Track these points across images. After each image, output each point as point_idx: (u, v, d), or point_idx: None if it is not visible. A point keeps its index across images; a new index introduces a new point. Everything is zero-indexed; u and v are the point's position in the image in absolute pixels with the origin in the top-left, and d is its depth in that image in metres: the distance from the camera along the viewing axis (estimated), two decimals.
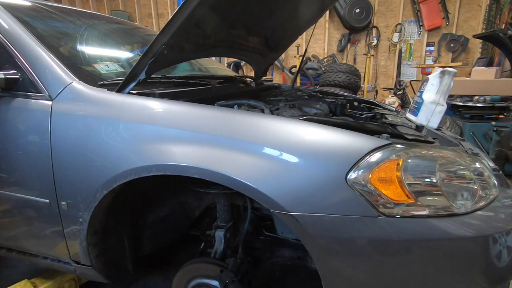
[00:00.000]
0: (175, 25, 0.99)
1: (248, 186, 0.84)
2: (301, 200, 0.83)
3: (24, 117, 1.10)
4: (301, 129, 0.90)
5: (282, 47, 1.98)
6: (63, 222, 1.11)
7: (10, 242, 1.30)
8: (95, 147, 1.00)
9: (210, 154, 0.89)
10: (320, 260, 0.88)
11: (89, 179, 1.01)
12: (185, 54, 1.29)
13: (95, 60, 1.38)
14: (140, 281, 1.65)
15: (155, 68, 1.11)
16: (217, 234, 1.23)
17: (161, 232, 1.44)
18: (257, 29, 1.59)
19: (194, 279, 1.22)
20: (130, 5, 6.01)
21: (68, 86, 1.08)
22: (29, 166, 1.10)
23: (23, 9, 1.37)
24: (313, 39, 5.53)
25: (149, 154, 0.93)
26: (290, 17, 1.63)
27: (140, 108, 1.01)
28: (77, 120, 1.03)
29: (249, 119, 0.95)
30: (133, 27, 2.08)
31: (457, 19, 4.69)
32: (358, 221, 0.80)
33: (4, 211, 1.22)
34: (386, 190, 0.80)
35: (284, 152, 0.85)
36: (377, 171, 0.81)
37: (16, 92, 1.12)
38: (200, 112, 0.98)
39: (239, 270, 1.15)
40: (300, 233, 0.85)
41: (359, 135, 0.88)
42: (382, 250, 0.82)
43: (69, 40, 1.38)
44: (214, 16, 1.18)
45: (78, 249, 1.12)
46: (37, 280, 1.43)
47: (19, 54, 1.12)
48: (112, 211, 1.09)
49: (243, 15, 1.37)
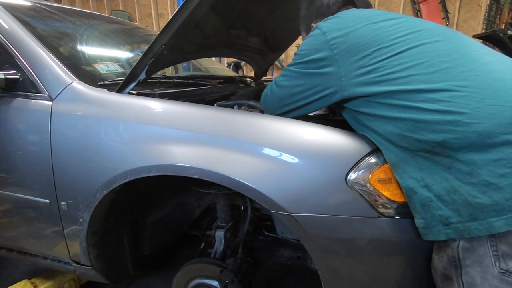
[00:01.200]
0: (175, 26, 0.99)
1: (248, 186, 0.84)
2: (301, 201, 0.83)
3: (24, 117, 1.10)
4: (301, 129, 0.90)
5: (282, 47, 1.98)
6: (63, 222, 1.11)
7: (10, 242, 1.30)
8: (95, 147, 1.00)
9: (210, 155, 0.89)
10: (320, 260, 0.88)
11: (89, 179, 1.01)
12: (185, 54, 1.29)
13: (95, 60, 1.38)
14: (140, 281, 1.65)
15: (155, 68, 1.11)
16: (217, 234, 1.23)
17: (161, 232, 1.44)
18: (257, 29, 1.59)
19: (194, 279, 1.22)
20: (130, 5, 6.01)
21: (68, 86, 1.08)
22: (29, 166, 1.10)
23: (23, 9, 1.37)
24: None
25: (149, 154, 0.94)
26: (290, 17, 1.63)
27: (140, 108, 1.01)
28: (77, 120, 1.03)
29: (249, 120, 0.95)
30: (133, 27, 2.08)
31: (457, 19, 4.69)
32: (358, 222, 0.81)
33: (4, 211, 1.22)
34: (386, 191, 0.80)
35: (284, 152, 0.86)
36: (377, 172, 0.81)
37: (16, 92, 1.12)
38: (200, 112, 0.98)
39: (239, 270, 1.15)
40: (300, 233, 0.85)
41: (359, 135, 0.88)
42: (382, 251, 0.83)
43: (69, 40, 1.38)
44: (214, 16, 1.18)
45: (78, 249, 1.12)
46: (37, 280, 1.43)
47: (19, 54, 1.12)
48: (112, 211, 1.09)
49: (243, 15, 1.37)
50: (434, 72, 0.70)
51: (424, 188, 0.72)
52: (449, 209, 0.68)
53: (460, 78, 0.69)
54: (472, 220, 0.65)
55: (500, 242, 0.64)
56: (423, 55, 0.73)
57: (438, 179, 0.70)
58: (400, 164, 0.76)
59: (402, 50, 0.74)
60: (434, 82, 0.69)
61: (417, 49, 0.74)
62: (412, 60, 0.73)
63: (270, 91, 0.98)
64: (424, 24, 0.81)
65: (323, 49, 0.81)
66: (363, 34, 0.78)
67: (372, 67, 0.76)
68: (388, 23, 0.79)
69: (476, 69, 0.70)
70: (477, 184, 0.64)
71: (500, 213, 0.62)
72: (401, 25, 0.79)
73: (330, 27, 0.83)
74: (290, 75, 0.90)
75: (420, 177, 0.72)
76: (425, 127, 0.69)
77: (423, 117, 0.69)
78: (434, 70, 0.71)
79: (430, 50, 0.74)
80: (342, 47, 0.79)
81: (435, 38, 0.76)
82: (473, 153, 0.65)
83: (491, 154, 0.63)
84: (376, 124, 0.79)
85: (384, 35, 0.77)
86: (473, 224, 0.65)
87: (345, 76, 0.79)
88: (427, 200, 0.71)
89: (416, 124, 0.70)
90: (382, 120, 0.76)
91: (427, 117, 0.68)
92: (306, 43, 0.86)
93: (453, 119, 0.66)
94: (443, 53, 0.73)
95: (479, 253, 0.66)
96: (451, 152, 0.67)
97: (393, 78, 0.73)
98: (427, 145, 0.69)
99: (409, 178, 0.74)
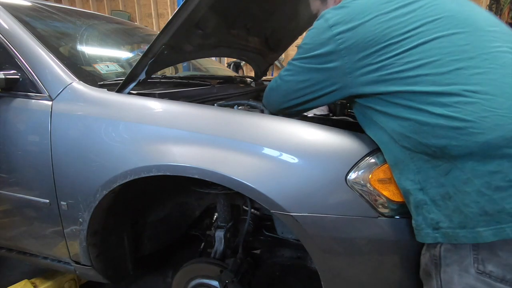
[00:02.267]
0: (175, 25, 0.99)
1: (248, 186, 0.84)
2: (301, 200, 0.83)
3: (24, 117, 1.10)
4: (301, 130, 0.90)
5: (282, 47, 1.98)
6: (63, 222, 1.11)
7: (10, 242, 1.30)
8: (95, 147, 1.00)
9: (210, 155, 0.89)
10: (320, 260, 0.88)
11: (89, 179, 1.01)
12: (185, 54, 1.29)
13: (95, 60, 1.38)
14: (140, 281, 1.65)
15: (155, 68, 1.11)
16: (217, 234, 1.23)
17: (161, 232, 1.44)
18: (257, 29, 1.59)
19: (194, 279, 1.22)
20: (130, 5, 6.00)
21: (68, 86, 1.08)
22: (29, 166, 1.10)
23: (23, 9, 1.37)
24: None
25: (149, 154, 0.94)
26: (290, 17, 1.63)
27: (140, 108, 1.01)
28: (77, 120, 1.03)
29: (249, 119, 0.95)
30: (133, 27, 2.08)
31: None
32: (358, 222, 0.81)
33: (4, 211, 1.22)
34: (385, 190, 0.80)
35: (284, 152, 0.86)
36: (377, 172, 0.81)
37: (16, 92, 1.12)
38: (200, 112, 0.98)
39: (239, 270, 1.15)
40: (300, 233, 0.85)
41: (359, 135, 0.88)
42: (382, 250, 0.83)
43: (69, 40, 1.38)
44: (214, 16, 1.18)
45: (78, 249, 1.12)
46: (37, 280, 1.43)
47: (19, 54, 1.12)
48: (112, 211, 1.09)
49: (243, 15, 1.37)
50: (445, 73, 0.67)
51: (420, 191, 0.71)
52: (442, 214, 0.68)
53: (471, 82, 0.65)
54: (461, 227, 0.65)
55: (483, 248, 0.65)
56: (436, 52, 0.68)
57: (435, 183, 0.69)
58: (399, 165, 0.76)
59: (413, 45, 0.69)
60: (444, 84, 0.66)
61: (430, 44, 0.69)
62: (423, 58, 0.68)
63: (275, 85, 0.95)
64: (446, 8, 0.72)
65: (328, 44, 0.77)
66: (372, 28, 0.72)
67: (379, 65, 0.72)
68: (402, 12, 0.72)
69: (493, 72, 0.65)
70: (471, 194, 0.64)
71: (489, 224, 0.62)
72: (417, 13, 0.72)
73: (337, 20, 0.77)
74: (294, 69, 0.87)
75: (417, 180, 0.72)
76: (429, 131, 0.67)
77: (428, 120, 0.67)
78: (445, 70, 0.67)
79: (444, 46, 0.68)
80: (349, 43, 0.74)
81: (452, 29, 0.69)
82: (473, 162, 0.63)
83: (490, 166, 0.62)
84: (382, 120, 0.76)
85: (395, 28, 0.71)
86: (462, 232, 0.65)
87: (351, 73, 0.77)
88: (421, 202, 0.71)
89: (420, 126, 0.68)
90: (388, 117, 0.74)
91: (432, 120, 0.66)
92: (311, 36, 0.82)
93: (457, 125, 0.64)
94: (458, 50, 0.68)
95: (460, 255, 0.67)
96: (451, 158, 0.66)
97: (401, 77, 0.70)
98: (428, 148, 0.68)
99: (406, 179, 0.74)
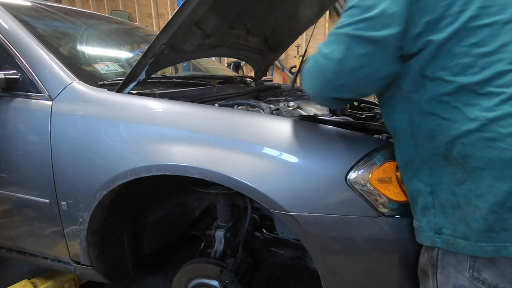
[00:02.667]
0: (175, 25, 0.99)
1: (248, 186, 0.84)
2: (301, 200, 0.83)
3: (24, 117, 1.10)
4: (301, 129, 0.90)
5: (282, 47, 1.98)
6: (63, 222, 1.11)
7: (10, 242, 1.30)
8: (95, 147, 1.00)
9: (210, 154, 0.89)
10: (320, 260, 0.88)
11: (89, 179, 1.01)
12: (185, 54, 1.29)
13: (95, 60, 1.38)
14: (140, 281, 1.65)
15: (155, 68, 1.11)
16: (217, 234, 1.23)
17: (161, 232, 1.44)
18: (257, 29, 1.59)
19: (194, 279, 1.22)
20: (130, 5, 6.01)
21: (68, 86, 1.08)
22: (29, 166, 1.10)
23: (23, 9, 1.37)
24: (313, 39, 5.50)
25: (149, 154, 0.94)
26: (290, 17, 1.63)
27: (140, 108, 1.01)
28: (77, 120, 1.03)
29: (249, 119, 0.95)
30: (133, 27, 2.08)
31: None
32: (358, 221, 0.81)
33: (4, 211, 1.22)
34: (385, 190, 0.80)
35: (284, 152, 0.86)
36: (377, 171, 0.81)
37: (16, 92, 1.12)
38: (200, 112, 0.98)
39: (239, 270, 1.15)
40: (300, 233, 0.85)
41: (359, 135, 0.88)
42: (382, 250, 0.83)
43: (69, 40, 1.38)
44: (214, 16, 1.18)
45: (78, 249, 1.12)
46: (37, 280, 1.43)
47: (19, 54, 1.13)
48: (112, 211, 1.09)
49: (243, 15, 1.37)
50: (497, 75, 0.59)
51: (430, 194, 0.70)
52: (447, 221, 0.67)
53: None
54: (464, 238, 0.65)
55: (481, 258, 0.64)
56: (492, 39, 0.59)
57: (447, 190, 0.67)
58: (412, 165, 0.73)
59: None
60: (496, 86, 0.60)
61: (488, 29, 0.60)
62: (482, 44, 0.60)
63: (315, 67, 0.73)
64: None
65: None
66: None
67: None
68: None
69: None
70: (481, 209, 0.61)
71: (494, 240, 0.61)
72: None
73: None
74: (342, 40, 0.67)
75: (429, 183, 0.70)
76: (459, 134, 0.62)
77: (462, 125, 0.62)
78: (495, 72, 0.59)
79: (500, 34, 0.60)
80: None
81: (508, 13, 0.60)
82: (491, 178, 0.59)
83: (507, 185, 0.58)
84: (413, 109, 0.69)
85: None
86: (463, 242, 0.64)
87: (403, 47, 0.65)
88: (429, 205, 0.70)
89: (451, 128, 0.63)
90: (421, 113, 0.68)
91: (468, 126, 0.61)
92: None
93: (488, 137, 0.59)
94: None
95: (456, 260, 0.67)
96: (469, 169, 0.62)
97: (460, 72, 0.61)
98: (450, 153, 0.64)
99: (418, 180, 0.72)
